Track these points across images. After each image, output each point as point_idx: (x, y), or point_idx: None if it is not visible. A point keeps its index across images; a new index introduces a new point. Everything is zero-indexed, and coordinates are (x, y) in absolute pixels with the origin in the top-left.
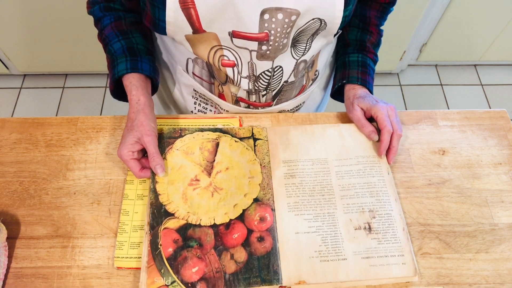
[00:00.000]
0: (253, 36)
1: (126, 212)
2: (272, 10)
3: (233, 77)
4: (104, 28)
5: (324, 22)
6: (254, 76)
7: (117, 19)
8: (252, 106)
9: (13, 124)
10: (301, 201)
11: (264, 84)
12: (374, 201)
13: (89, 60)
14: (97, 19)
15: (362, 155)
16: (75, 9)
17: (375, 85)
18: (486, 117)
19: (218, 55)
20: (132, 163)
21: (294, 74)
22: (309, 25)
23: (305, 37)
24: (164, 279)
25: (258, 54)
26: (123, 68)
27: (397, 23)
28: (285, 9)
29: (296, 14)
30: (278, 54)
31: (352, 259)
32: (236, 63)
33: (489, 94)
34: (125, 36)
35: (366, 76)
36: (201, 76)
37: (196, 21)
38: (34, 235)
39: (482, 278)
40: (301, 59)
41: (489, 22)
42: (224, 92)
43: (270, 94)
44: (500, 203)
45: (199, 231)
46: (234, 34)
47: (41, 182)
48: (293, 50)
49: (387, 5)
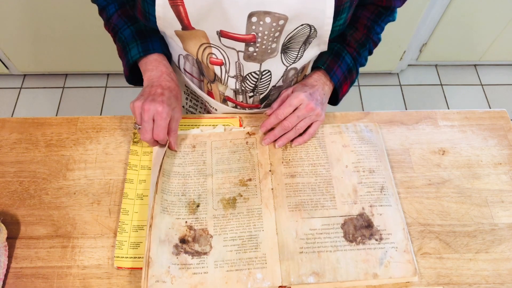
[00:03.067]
0: (240, 37)
1: (126, 211)
2: (260, 14)
3: (220, 76)
4: (111, 17)
5: (314, 29)
6: (241, 77)
7: (121, 6)
8: (240, 106)
9: (13, 124)
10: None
11: (251, 85)
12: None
13: (89, 60)
14: (101, 7)
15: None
16: (75, 9)
17: (375, 85)
18: (486, 117)
19: (206, 52)
20: (166, 123)
21: (283, 80)
22: (298, 31)
23: (296, 45)
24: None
25: (245, 55)
26: (135, 53)
27: (397, 23)
28: (273, 14)
29: (284, 19)
30: (266, 57)
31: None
32: (224, 62)
33: (489, 94)
34: (133, 21)
35: (333, 65)
36: (192, 73)
37: (185, 18)
38: (34, 235)
39: (482, 278)
40: (292, 66)
41: (489, 22)
42: (213, 90)
43: (258, 96)
44: (500, 203)
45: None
46: (222, 33)
47: (41, 182)
48: (283, 57)
49: (383, 9)
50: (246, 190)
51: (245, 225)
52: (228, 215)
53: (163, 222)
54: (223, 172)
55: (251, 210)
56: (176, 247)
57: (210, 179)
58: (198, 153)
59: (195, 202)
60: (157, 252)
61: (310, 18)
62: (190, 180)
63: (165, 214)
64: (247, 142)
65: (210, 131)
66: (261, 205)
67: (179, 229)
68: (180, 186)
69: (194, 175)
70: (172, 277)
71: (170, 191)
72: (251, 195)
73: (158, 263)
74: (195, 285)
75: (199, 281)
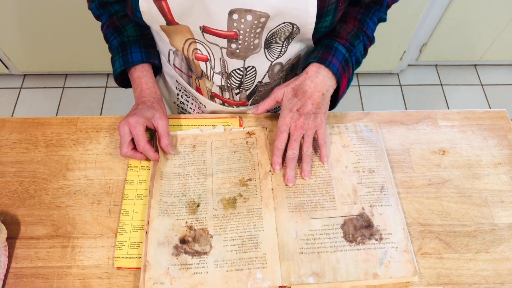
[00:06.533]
0: (222, 33)
1: (126, 212)
2: (241, 11)
3: (206, 72)
4: (102, 27)
5: (297, 27)
6: (226, 73)
7: (110, 16)
8: (227, 103)
9: (13, 124)
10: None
11: (237, 82)
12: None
13: (89, 60)
14: (96, 16)
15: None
16: (75, 9)
17: (375, 85)
18: (486, 117)
19: (192, 48)
20: (142, 131)
21: (269, 75)
22: (280, 28)
23: (279, 39)
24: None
25: (228, 51)
26: (118, 66)
27: (397, 23)
28: (254, 12)
29: (265, 17)
30: (249, 54)
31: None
32: (209, 58)
33: (489, 94)
34: (119, 32)
35: (327, 55)
36: (181, 68)
37: (168, 13)
38: (34, 235)
39: (482, 278)
40: (276, 61)
41: (489, 22)
42: (201, 86)
43: (244, 93)
44: (500, 203)
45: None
46: (205, 29)
47: (41, 182)
48: (267, 52)
49: (373, 3)
50: (246, 190)
51: (245, 225)
52: (228, 215)
53: (162, 224)
54: (223, 172)
55: (251, 210)
56: (176, 247)
57: (210, 179)
58: (198, 153)
59: (195, 202)
60: (155, 254)
61: (292, 16)
62: (190, 180)
63: (164, 217)
64: (247, 142)
65: (210, 131)
66: (261, 205)
67: (179, 229)
68: (180, 187)
69: (194, 175)
70: (172, 278)
71: (170, 193)
72: (251, 195)
73: (156, 265)
74: (195, 285)
75: (199, 281)
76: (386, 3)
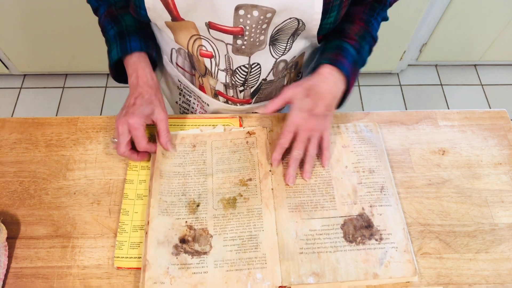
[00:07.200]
0: (228, 29)
1: (126, 212)
2: (247, 7)
3: (211, 69)
4: (100, 18)
5: (302, 23)
6: (231, 70)
7: (109, 7)
8: (231, 101)
9: (13, 124)
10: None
11: (241, 79)
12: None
13: (89, 60)
14: (94, 9)
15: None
16: (75, 9)
17: (375, 85)
18: (486, 117)
19: (197, 44)
20: (142, 132)
21: (273, 73)
22: (286, 24)
23: (284, 36)
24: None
25: (234, 48)
26: (115, 54)
27: (397, 23)
28: (261, 7)
29: (271, 12)
30: (255, 50)
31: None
32: (213, 54)
33: (489, 94)
34: (117, 22)
35: (338, 57)
36: (184, 67)
37: (173, 9)
38: (34, 235)
39: (482, 278)
40: (281, 58)
41: (489, 22)
42: (204, 84)
43: (248, 91)
44: (500, 203)
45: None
46: (211, 25)
47: (41, 182)
48: (272, 49)
49: (376, 3)
50: (246, 190)
51: (245, 225)
52: (228, 215)
53: (161, 224)
54: (223, 171)
55: (251, 210)
56: (176, 247)
57: (210, 178)
58: (199, 153)
59: (195, 201)
60: (155, 254)
61: (298, 12)
62: (190, 180)
63: (164, 216)
64: (247, 142)
65: (210, 131)
66: (261, 205)
67: (179, 229)
68: (180, 186)
69: (194, 175)
70: (171, 277)
71: (170, 192)
72: (251, 195)
73: (156, 265)
74: (195, 284)
75: (199, 281)
76: (389, 1)
